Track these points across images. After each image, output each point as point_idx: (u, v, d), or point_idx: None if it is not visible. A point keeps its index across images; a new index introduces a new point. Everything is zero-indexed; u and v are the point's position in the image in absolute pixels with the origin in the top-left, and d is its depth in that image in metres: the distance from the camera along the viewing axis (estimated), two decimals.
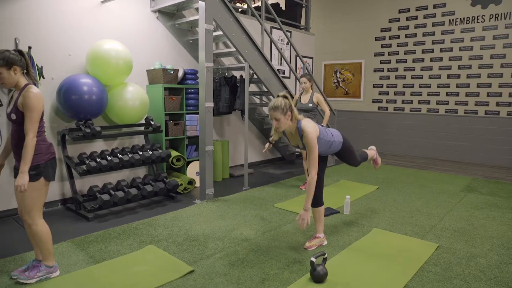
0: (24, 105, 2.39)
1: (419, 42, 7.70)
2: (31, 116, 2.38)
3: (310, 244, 3.20)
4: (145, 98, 4.49)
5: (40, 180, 2.52)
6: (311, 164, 2.85)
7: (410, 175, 6.05)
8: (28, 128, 2.38)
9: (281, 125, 2.84)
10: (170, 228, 3.59)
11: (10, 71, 2.39)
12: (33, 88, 2.44)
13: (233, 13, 4.56)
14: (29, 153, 2.37)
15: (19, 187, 2.36)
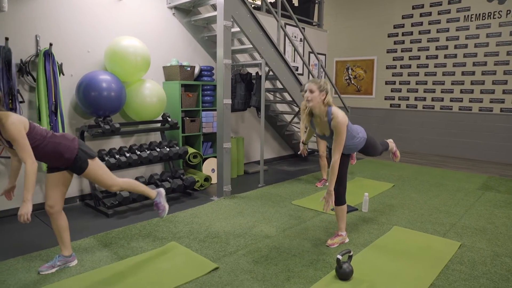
0: (8, 137, 2.34)
1: (433, 39, 7.63)
2: (18, 145, 2.33)
3: (332, 242, 3.19)
4: (163, 95, 4.49)
5: (90, 162, 2.63)
6: (337, 148, 2.87)
7: (425, 172, 6.01)
8: (22, 156, 2.34)
9: (313, 99, 2.82)
10: (190, 225, 3.60)
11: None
12: (5, 116, 2.31)
13: (250, 9, 4.54)
14: (30, 181, 2.34)
15: (22, 216, 2.35)
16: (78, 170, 2.64)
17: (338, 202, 3.19)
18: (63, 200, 2.73)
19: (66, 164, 2.60)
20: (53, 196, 2.65)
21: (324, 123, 2.95)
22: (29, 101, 3.86)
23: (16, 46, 3.65)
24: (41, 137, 2.47)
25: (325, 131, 2.99)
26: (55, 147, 2.52)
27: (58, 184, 2.66)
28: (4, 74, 3.46)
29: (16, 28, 3.69)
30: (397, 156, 3.96)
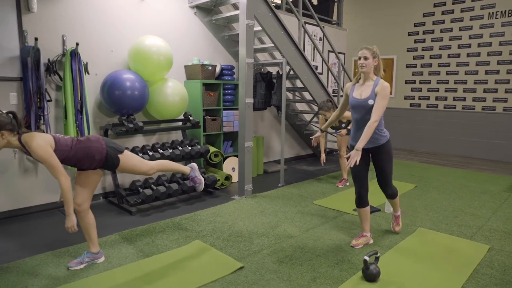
0: (37, 159, 2.39)
1: (455, 37, 7.48)
2: (48, 165, 2.38)
3: (357, 242, 3.16)
4: (185, 94, 4.52)
5: (120, 157, 2.68)
6: (377, 111, 2.80)
7: (447, 173, 5.91)
8: (54, 175, 2.42)
9: (367, 65, 2.88)
10: (213, 224, 3.61)
11: (4, 138, 2.33)
12: (29, 139, 2.35)
13: (272, 8, 4.53)
14: (67, 196, 2.44)
15: (69, 228, 2.49)
16: (111, 167, 2.69)
17: (361, 204, 3.17)
18: (91, 198, 2.77)
19: (99, 165, 2.65)
20: (82, 194, 2.69)
21: (367, 87, 2.91)
22: (55, 100, 3.93)
23: (43, 46, 3.72)
24: (67, 147, 2.51)
25: (364, 94, 2.92)
26: (85, 152, 2.57)
27: (88, 182, 2.70)
28: (33, 73, 3.53)
29: (44, 28, 3.76)
30: (399, 225, 3.44)
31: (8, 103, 3.62)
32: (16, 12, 3.55)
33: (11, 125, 2.36)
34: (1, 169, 3.66)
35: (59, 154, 2.45)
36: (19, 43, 3.60)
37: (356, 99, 2.96)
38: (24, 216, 3.82)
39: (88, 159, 2.59)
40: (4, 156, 3.66)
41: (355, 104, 2.97)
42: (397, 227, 3.44)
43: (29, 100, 3.59)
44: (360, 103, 2.93)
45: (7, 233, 3.38)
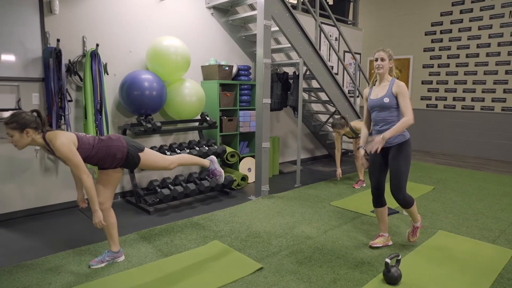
0: (60, 157, 2.44)
1: (474, 36, 7.36)
2: (72, 163, 2.43)
3: (374, 241, 3.13)
4: (202, 94, 4.54)
5: (141, 155, 2.71)
6: (407, 108, 2.86)
7: (465, 175, 5.81)
8: (77, 173, 2.47)
9: (383, 67, 2.93)
10: (230, 224, 3.62)
11: (22, 134, 2.37)
12: (53, 138, 2.39)
13: (289, 8, 4.52)
14: (91, 193, 2.48)
15: (97, 224, 2.52)
16: (132, 165, 2.72)
17: (378, 204, 3.14)
18: (112, 197, 2.80)
19: (120, 164, 2.68)
20: (103, 193, 2.72)
21: (383, 87, 2.96)
22: (75, 100, 3.99)
23: (64, 47, 3.78)
24: (89, 146, 2.55)
25: (380, 94, 2.95)
26: (107, 150, 2.61)
27: (109, 181, 2.72)
28: (55, 74, 3.59)
29: (65, 30, 3.82)
30: (415, 237, 3.22)
31: (30, 103, 3.68)
32: (39, 14, 3.61)
33: (35, 123, 2.41)
34: (23, 168, 3.73)
35: (81, 152, 2.49)
36: (41, 44, 3.66)
37: (373, 99, 3.01)
38: (45, 214, 3.89)
39: (109, 158, 2.62)
40: (25, 155, 3.73)
41: (372, 104, 3.01)
42: (412, 238, 3.21)
43: (50, 100, 3.65)
44: (376, 102, 2.97)
45: (30, 231, 3.44)
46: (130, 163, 2.70)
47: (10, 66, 3.54)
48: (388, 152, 3.04)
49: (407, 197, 3.01)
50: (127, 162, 2.68)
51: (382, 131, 2.94)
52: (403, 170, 2.94)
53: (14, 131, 2.35)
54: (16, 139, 2.37)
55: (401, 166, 2.94)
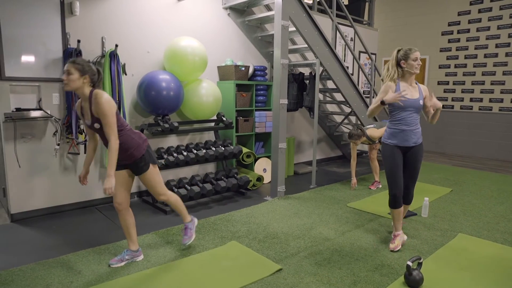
0: (98, 112, 2.46)
1: (493, 36, 7.22)
2: (108, 121, 2.46)
3: (394, 245, 3.10)
4: (218, 95, 4.55)
5: (151, 167, 2.72)
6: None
7: (483, 177, 5.71)
8: (108, 133, 2.48)
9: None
10: (248, 225, 3.61)
11: (80, 77, 2.45)
12: (100, 93, 2.47)
13: (306, 9, 4.50)
14: (113, 157, 2.49)
15: (107, 190, 2.47)
16: (138, 169, 2.71)
17: (398, 205, 3.13)
18: (129, 197, 2.82)
19: (130, 160, 2.66)
20: (119, 193, 2.73)
21: (413, 88, 3.03)
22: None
23: (84, 47, 3.82)
24: (121, 125, 2.59)
25: (414, 95, 3.00)
26: (128, 140, 2.62)
27: (122, 183, 2.73)
28: None
29: (85, 30, 3.86)
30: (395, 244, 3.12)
31: (51, 103, 3.73)
32: (60, 15, 3.66)
33: (95, 76, 2.52)
34: (42, 167, 3.78)
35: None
36: (62, 45, 3.71)
37: (409, 99, 2.96)
38: (64, 213, 3.94)
39: (124, 148, 2.61)
40: (45, 155, 3.78)
41: (408, 104, 2.96)
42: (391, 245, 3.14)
43: (70, 100, 3.70)
44: (412, 102, 2.97)
45: (50, 229, 3.49)
46: (138, 167, 2.70)
47: (32, 67, 3.59)
48: (407, 151, 3.11)
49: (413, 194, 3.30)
50: (136, 164, 2.68)
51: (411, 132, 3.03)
52: (419, 168, 3.19)
53: (76, 71, 2.43)
54: (73, 78, 2.43)
55: (419, 165, 3.18)
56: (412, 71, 2.96)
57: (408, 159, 3.12)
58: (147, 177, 2.76)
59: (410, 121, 3.01)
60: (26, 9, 3.49)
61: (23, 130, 3.63)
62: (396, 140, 3.06)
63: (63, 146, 3.88)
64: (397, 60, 3.01)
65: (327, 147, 6.88)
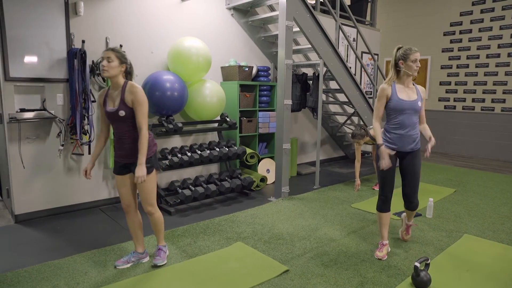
0: (134, 101, 2.49)
1: (495, 36, 7.22)
2: (143, 110, 2.51)
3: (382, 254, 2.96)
4: (222, 95, 4.54)
5: (153, 171, 2.67)
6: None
7: (486, 178, 5.70)
8: (142, 122, 2.51)
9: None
10: (252, 226, 3.61)
11: (119, 65, 2.53)
12: (136, 84, 2.56)
13: (310, 9, 4.49)
14: (145, 146, 2.50)
15: (140, 178, 2.49)
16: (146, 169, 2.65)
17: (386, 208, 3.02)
18: (136, 199, 2.80)
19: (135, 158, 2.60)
20: (127, 196, 2.72)
21: (411, 89, 2.89)
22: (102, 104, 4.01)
23: (88, 48, 3.81)
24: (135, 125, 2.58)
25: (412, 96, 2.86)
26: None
27: (126, 185, 2.71)
28: (80, 75, 3.63)
29: (89, 31, 3.86)
30: (409, 235, 3.30)
31: (55, 103, 3.72)
32: (65, 16, 3.65)
33: (129, 67, 2.62)
34: (47, 168, 3.77)
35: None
36: (66, 45, 3.70)
37: (406, 101, 2.83)
38: (68, 214, 3.92)
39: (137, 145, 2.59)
40: (49, 155, 3.77)
41: (405, 106, 2.83)
42: (406, 236, 3.29)
43: (74, 101, 3.69)
44: (410, 104, 2.83)
45: (54, 230, 3.48)
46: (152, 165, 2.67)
47: (36, 67, 3.58)
48: (403, 157, 2.96)
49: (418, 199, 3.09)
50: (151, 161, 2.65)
51: (409, 136, 2.87)
52: (419, 173, 3.00)
53: (116, 58, 2.52)
54: (113, 65, 2.50)
55: (419, 170, 2.99)
56: (410, 73, 2.80)
57: (405, 165, 2.95)
58: (148, 181, 2.65)
59: (408, 124, 2.85)
60: (30, 10, 3.48)
61: (27, 131, 3.62)
62: (393, 145, 2.90)
63: (67, 147, 3.87)
64: (396, 59, 2.84)
65: (330, 148, 6.87)
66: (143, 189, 2.65)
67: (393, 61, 2.88)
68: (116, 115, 2.54)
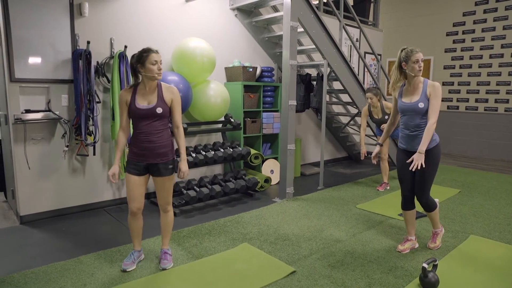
0: (174, 100, 2.63)
1: (498, 36, 7.21)
2: (180, 110, 2.69)
3: (403, 248, 3.09)
4: (226, 96, 4.54)
5: (174, 174, 2.72)
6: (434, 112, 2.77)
7: (491, 178, 5.69)
8: (180, 120, 2.70)
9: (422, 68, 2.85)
10: (258, 226, 3.60)
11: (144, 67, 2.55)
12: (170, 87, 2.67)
13: (314, 10, 4.49)
14: (184, 142, 2.71)
15: (185, 172, 2.71)
16: (164, 171, 2.65)
17: (407, 207, 3.12)
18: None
19: (160, 159, 2.61)
20: (140, 198, 2.69)
21: (417, 90, 2.84)
22: (103, 102, 4.01)
23: (93, 49, 3.81)
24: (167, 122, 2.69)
25: (414, 98, 2.84)
26: (169, 137, 2.69)
27: (142, 186, 2.70)
28: (85, 75, 3.63)
29: (94, 32, 3.86)
30: (435, 243, 3.19)
31: (60, 104, 3.72)
32: (69, 17, 3.65)
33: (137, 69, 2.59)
34: (52, 169, 3.77)
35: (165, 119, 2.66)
36: (71, 46, 3.70)
37: (406, 103, 2.87)
38: (72, 214, 3.92)
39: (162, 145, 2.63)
40: (54, 156, 3.77)
41: (405, 108, 2.88)
42: (431, 244, 3.18)
43: (79, 101, 3.68)
44: (410, 106, 2.85)
45: (60, 231, 3.48)
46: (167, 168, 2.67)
47: (42, 68, 3.58)
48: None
49: (430, 200, 3.04)
50: (165, 165, 2.66)
51: (415, 136, 2.89)
52: (429, 174, 2.95)
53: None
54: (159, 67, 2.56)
55: (428, 171, 2.94)
56: (413, 74, 2.80)
57: None
58: (168, 182, 2.71)
59: (411, 125, 2.88)
60: (35, 11, 3.48)
61: (32, 132, 3.62)
62: (403, 145, 3.01)
63: (72, 148, 3.86)
64: (399, 61, 2.85)
65: (333, 148, 6.86)
66: (165, 188, 2.72)
67: (397, 63, 2.87)
68: (153, 112, 2.55)
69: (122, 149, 2.68)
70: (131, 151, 2.65)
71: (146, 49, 2.54)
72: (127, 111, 2.61)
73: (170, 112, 2.65)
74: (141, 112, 2.55)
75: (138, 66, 2.54)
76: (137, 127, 2.60)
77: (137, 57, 2.54)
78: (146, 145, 2.59)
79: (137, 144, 2.61)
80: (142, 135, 2.58)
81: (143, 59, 2.50)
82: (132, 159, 2.65)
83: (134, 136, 2.64)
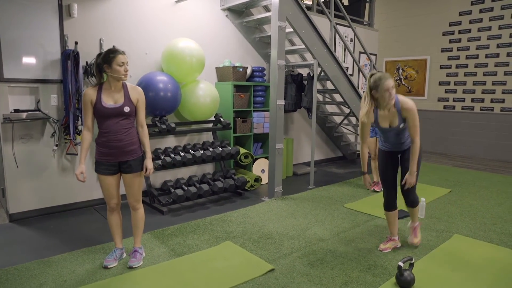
0: (140, 99, 2.69)
1: (494, 36, 7.19)
2: (144, 109, 2.76)
3: (385, 246, 3.12)
4: (216, 95, 4.57)
5: (143, 171, 2.76)
6: (416, 131, 2.80)
7: (483, 178, 5.68)
8: (144, 120, 2.76)
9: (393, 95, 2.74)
10: (243, 225, 3.63)
11: None
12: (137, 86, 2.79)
13: (304, 9, 4.51)
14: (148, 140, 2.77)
15: (151, 170, 2.73)
16: (135, 168, 2.70)
17: (389, 207, 3.15)
18: None
19: (130, 156, 2.66)
20: (117, 194, 2.78)
21: (392, 114, 2.83)
22: None
23: (82, 49, 3.85)
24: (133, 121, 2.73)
25: (393, 122, 2.84)
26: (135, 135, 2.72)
27: (116, 184, 2.76)
28: (73, 76, 3.67)
29: (83, 32, 3.90)
30: (417, 237, 3.22)
31: (49, 104, 3.78)
32: (58, 17, 3.70)
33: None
34: (41, 167, 3.83)
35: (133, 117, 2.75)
36: (60, 47, 3.75)
37: (387, 128, 2.90)
38: (62, 213, 3.97)
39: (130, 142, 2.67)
40: (43, 155, 3.82)
41: (386, 130, 2.93)
42: (415, 239, 3.21)
43: (68, 101, 3.73)
44: (392, 129, 2.90)
45: (47, 229, 3.53)
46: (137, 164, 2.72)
47: (31, 69, 3.63)
48: (398, 155, 3.09)
49: (415, 197, 3.14)
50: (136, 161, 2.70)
51: (399, 145, 2.99)
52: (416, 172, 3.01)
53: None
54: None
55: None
56: (384, 103, 2.74)
57: (402, 162, 3.07)
58: (138, 178, 2.76)
59: (393, 141, 2.98)
60: (24, 11, 3.53)
61: (22, 131, 3.68)
62: (386, 147, 3.07)
63: (61, 147, 3.92)
64: (370, 88, 2.75)
65: (327, 148, 6.87)
66: (134, 185, 2.75)
67: (367, 89, 2.77)
68: (120, 111, 2.58)
69: (87, 148, 2.68)
70: (99, 151, 2.66)
71: (113, 49, 2.57)
72: (91, 110, 2.61)
73: (135, 111, 2.70)
74: (108, 111, 2.57)
75: (104, 66, 2.56)
76: (103, 126, 2.61)
77: (103, 57, 2.56)
78: (115, 144, 2.61)
79: (105, 144, 2.63)
80: (110, 134, 2.60)
81: (109, 59, 2.53)
82: (101, 159, 2.67)
83: (100, 136, 2.64)
